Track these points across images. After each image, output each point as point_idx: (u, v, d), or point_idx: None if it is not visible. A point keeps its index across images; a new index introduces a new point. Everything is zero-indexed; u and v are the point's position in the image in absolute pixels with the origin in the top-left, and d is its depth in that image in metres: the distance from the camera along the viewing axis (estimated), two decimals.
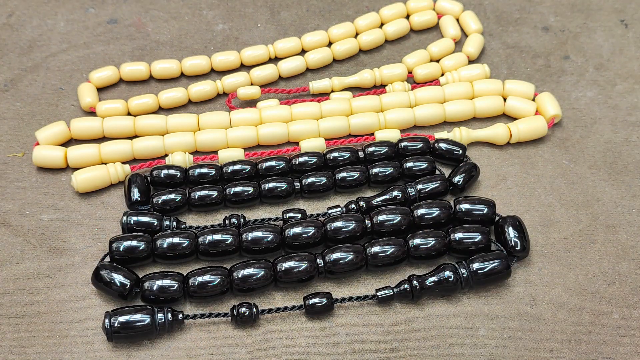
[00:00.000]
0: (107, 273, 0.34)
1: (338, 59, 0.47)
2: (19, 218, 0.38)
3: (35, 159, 0.40)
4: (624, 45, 0.48)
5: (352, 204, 0.38)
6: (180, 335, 0.34)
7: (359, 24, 0.48)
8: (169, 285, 0.34)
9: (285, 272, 0.34)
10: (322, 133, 0.42)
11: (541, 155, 0.42)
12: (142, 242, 0.35)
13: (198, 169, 0.39)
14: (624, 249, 0.38)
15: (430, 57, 0.47)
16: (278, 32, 0.49)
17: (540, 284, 0.36)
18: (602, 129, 0.43)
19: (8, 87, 0.44)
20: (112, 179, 0.39)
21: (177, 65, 0.45)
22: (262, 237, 0.36)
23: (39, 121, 0.43)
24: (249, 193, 0.38)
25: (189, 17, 0.49)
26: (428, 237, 0.36)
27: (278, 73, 0.46)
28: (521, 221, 0.37)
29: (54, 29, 0.48)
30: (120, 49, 0.47)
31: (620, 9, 0.50)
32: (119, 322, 0.32)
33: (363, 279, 0.36)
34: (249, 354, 0.33)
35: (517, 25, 0.49)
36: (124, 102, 0.43)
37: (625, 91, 0.45)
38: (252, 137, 0.41)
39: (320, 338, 0.34)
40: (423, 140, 0.41)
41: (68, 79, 0.45)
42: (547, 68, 0.47)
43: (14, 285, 0.36)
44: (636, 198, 0.40)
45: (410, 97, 0.44)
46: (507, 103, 0.43)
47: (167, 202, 0.38)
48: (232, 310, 0.34)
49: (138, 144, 0.40)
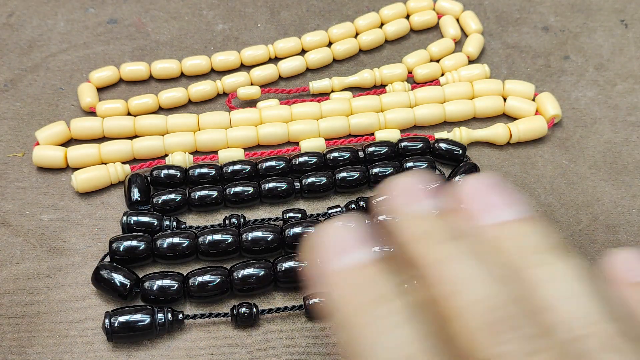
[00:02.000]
0: (107, 273, 0.34)
1: (338, 59, 0.47)
2: (19, 218, 0.38)
3: (35, 159, 0.40)
4: (624, 45, 0.48)
5: (352, 204, 0.38)
6: (180, 335, 0.34)
7: (359, 24, 0.48)
8: (169, 285, 0.34)
9: (285, 272, 0.34)
10: (322, 133, 0.42)
11: (541, 155, 0.42)
12: (142, 242, 0.35)
13: (198, 169, 0.39)
14: None
15: (430, 57, 0.47)
16: (278, 32, 0.49)
17: None
18: (602, 129, 0.43)
19: (8, 87, 0.44)
20: (112, 179, 0.39)
21: (177, 65, 0.45)
22: (262, 237, 0.36)
23: (39, 121, 0.43)
24: (249, 193, 0.38)
25: (189, 17, 0.49)
26: None
27: (278, 73, 0.46)
28: None
29: (54, 29, 0.48)
30: (120, 49, 0.47)
31: (620, 9, 0.50)
32: (119, 322, 0.32)
33: None
34: (249, 354, 0.33)
35: (517, 25, 0.49)
36: (124, 102, 0.43)
37: (625, 91, 0.45)
38: (252, 137, 0.41)
39: (321, 338, 0.34)
40: (423, 140, 0.41)
41: (68, 79, 0.45)
42: (547, 68, 0.47)
43: (14, 285, 0.36)
44: (636, 198, 0.40)
45: (410, 97, 0.44)
46: (507, 103, 0.43)
47: (167, 202, 0.38)
48: (232, 310, 0.34)
49: (138, 144, 0.40)
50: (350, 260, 0.19)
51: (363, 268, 0.19)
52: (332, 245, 0.19)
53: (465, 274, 0.18)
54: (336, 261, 0.19)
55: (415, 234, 0.19)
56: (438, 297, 0.18)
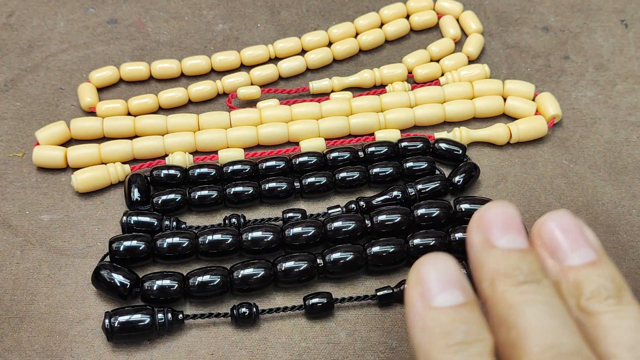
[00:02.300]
0: (107, 273, 0.34)
1: (338, 59, 0.47)
2: (19, 218, 0.38)
3: (35, 159, 0.40)
4: (624, 45, 0.48)
5: (352, 204, 0.38)
6: (180, 335, 0.34)
7: (359, 24, 0.48)
8: (169, 285, 0.34)
9: (285, 272, 0.34)
10: (322, 133, 0.42)
11: (541, 155, 0.42)
12: (142, 242, 0.35)
13: (198, 169, 0.39)
14: (624, 249, 0.38)
15: (430, 57, 0.47)
16: (278, 32, 0.49)
17: None
18: (602, 129, 0.43)
19: (8, 87, 0.44)
20: (112, 179, 0.39)
21: (177, 65, 0.45)
22: (262, 237, 0.36)
23: (39, 121, 0.43)
24: (249, 193, 0.38)
25: (189, 17, 0.49)
26: (428, 237, 0.36)
27: (278, 73, 0.46)
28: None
29: (54, 29, 0.48)
30: (120, 49, 0.47)
31: (620, 9, 0.50)
32: (119, 322, 0.32)
33: (363, 279, 0.36)
34: (249, 354, 0.33)
35: (517, 25, 0.49)
36: (124, 102, 0.43)
37: (625, 91, 0.45)
38: (252, 137, 0.41)
39: (320, 338, 0.34)
40: (423, 140, 0.41)
41: (68, 79, 0.45)
42: (547, 68, 0.47)
43: (14, 285, 0.36)
44: (636, 198, 0.40)
45: (410, 97, 0.44)
46: (507, 103, 0.43)
47: (167, 202, 0.38)
48: (232, 310, 0.34)
49: (138, 144, 0.40)
50: (444, 301, 0.19)
51: (454, 310, 0.19)
52: (431, 283, 0.19)
53: (536, 320, 0.18)
54: (432, 300, 0.19)
55: (496, 271, 0.19)
56: (507, 341, 0.18)
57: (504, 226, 0.20)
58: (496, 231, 0.20)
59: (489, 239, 0.20)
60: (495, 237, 0.20)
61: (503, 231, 0.20)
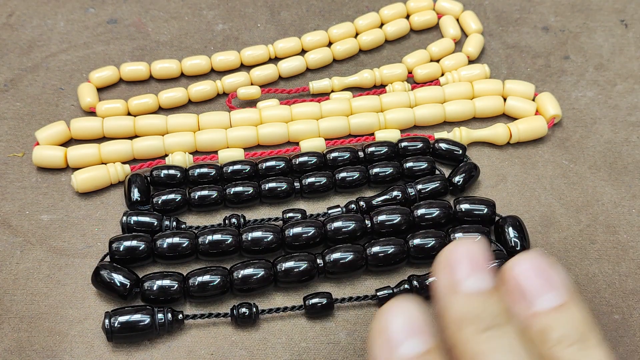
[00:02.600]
0: (107, 273, 0.34)
1: (338, 59, 0.47)
2: (19, 218, 0.38)
3: (35, 159, 0.40)
4: (624, 45, 0.48)
5: (352, 204, 0.38)
6: (180, 335, 0.34)
7: (359, 24, 0.48)
8: (169, 285, 0.34)
9: (285, 272, 0.34)
10: (322, 133, 0.42)
11: (541, 155, 0.42)
12: (142, 242, 0.35)
13: (198, 169, 0.39)
14: (624, 249, 0.38)
15: (430, 57, 0.47)
16: (278, 32, 0.49)
17: None
18: (602, 129, 0.43)
19: (8, 87, 0.44)
20: (112, 179, 0.39)
21: (177, 65, 0.45)
22: (262, 237, 0.36)
23: (39, 121, 0.43)
24: (249, 193, 0.38)
25: (189, 17, 0.49)
26: (428, 237, 0.36)
27: (278, 73, 0.46)
28: (521, 221, 0.37)
29: (54, 29, 0.48)
30: (120, 49, 0.47)
31: (620, 9, 0.50)
32: (119, 322, 0.32)
33: (363, 279, 0.36)
34: (249, 354, 0.33)
35: (517, 25, 0.49)
36: (124, 102, 0.43)
37: (625, 91, 0.45)
38: (252, 137, 0.41)
39: (320, 338, 0.34)
40: (423, 140, 0.41)
41: (68, 79, 0.45)
42: (547, 68, 0.47)
43: (14, 285, 0.36)
44: (636, 198, 0.40)
45: (410, 97, 0.44)
46: (507, 103, 0.43)
47: (167, 202, 0.38)
48: (232, 311, 0.34)
49: (138, 144, 0.40)
50: (408, 349, 0.19)
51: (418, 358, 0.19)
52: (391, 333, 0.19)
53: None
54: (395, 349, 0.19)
55: (461, 316, 0.19)
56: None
57: (469, 266, 0.20)
58: (460, 273, 0.20)
59: (453, 283, 0.20)
60: (459, 281, 0.20)
61: (467, 273, 0.20)
